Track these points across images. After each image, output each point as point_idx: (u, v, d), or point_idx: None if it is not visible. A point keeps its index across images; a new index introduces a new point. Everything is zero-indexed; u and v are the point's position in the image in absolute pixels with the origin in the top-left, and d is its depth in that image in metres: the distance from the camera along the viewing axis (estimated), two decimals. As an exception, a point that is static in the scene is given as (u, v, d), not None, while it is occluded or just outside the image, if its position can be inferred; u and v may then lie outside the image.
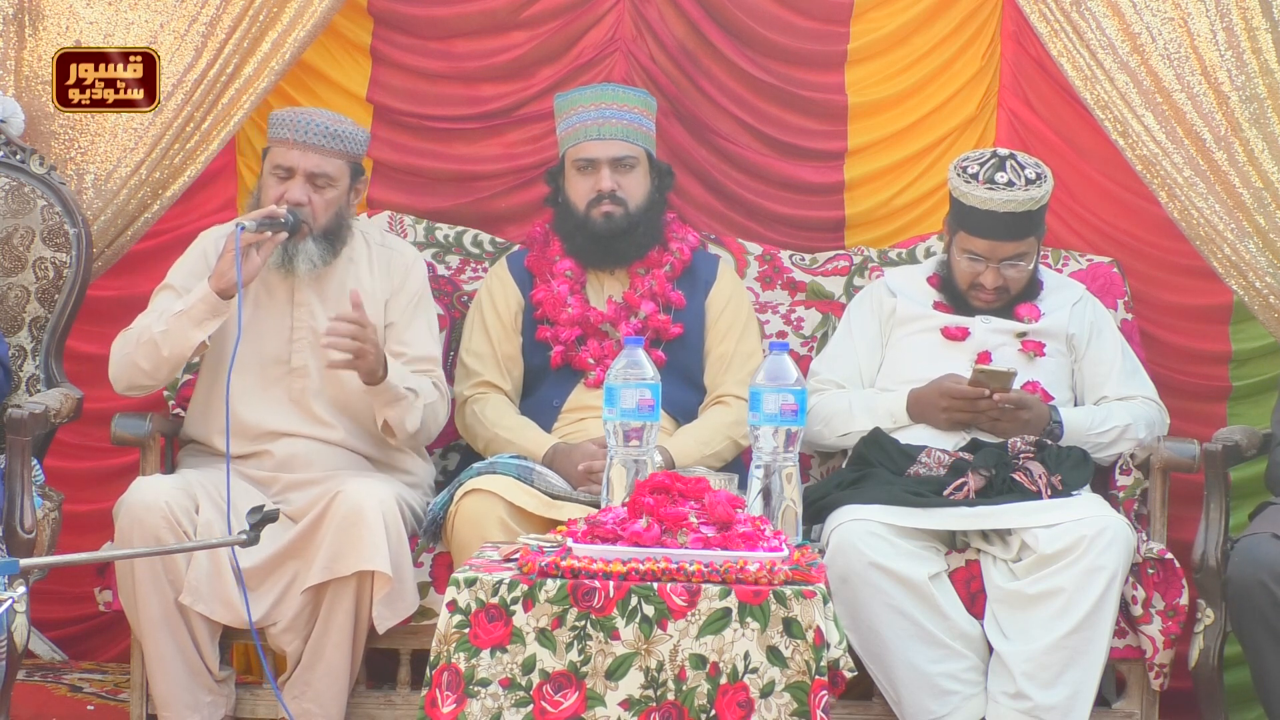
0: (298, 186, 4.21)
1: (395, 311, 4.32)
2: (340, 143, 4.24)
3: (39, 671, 4.81)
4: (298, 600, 4.06)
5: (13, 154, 4.48)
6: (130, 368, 4.18)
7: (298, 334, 4.27)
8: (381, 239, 4.43)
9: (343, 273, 4.30)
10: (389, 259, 4.38)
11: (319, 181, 4.23)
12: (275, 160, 4.24)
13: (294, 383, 4.26)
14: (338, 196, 4.26)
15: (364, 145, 4.33)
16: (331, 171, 4.24)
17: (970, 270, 4.36)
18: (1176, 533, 4.26)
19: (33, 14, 4.57)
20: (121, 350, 4.20)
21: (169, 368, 4.17)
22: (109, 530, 4.15)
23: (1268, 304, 4.47)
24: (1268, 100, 4.41)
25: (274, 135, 4.26)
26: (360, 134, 4.32)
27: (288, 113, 4.29)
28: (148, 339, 4.13)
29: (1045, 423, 4.25)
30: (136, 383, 4.21)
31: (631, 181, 4.43)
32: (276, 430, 4.23)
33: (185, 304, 4.13)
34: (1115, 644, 4.04)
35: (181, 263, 4.33)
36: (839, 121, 4.91)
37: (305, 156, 4.21)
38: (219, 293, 4.09)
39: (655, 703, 3.32)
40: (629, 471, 3.65)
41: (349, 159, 4.27)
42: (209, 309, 4.10)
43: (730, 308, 4.50)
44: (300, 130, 4.22)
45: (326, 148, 4.23)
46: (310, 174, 4.22)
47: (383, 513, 4.01)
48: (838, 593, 3.88)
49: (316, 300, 4.27)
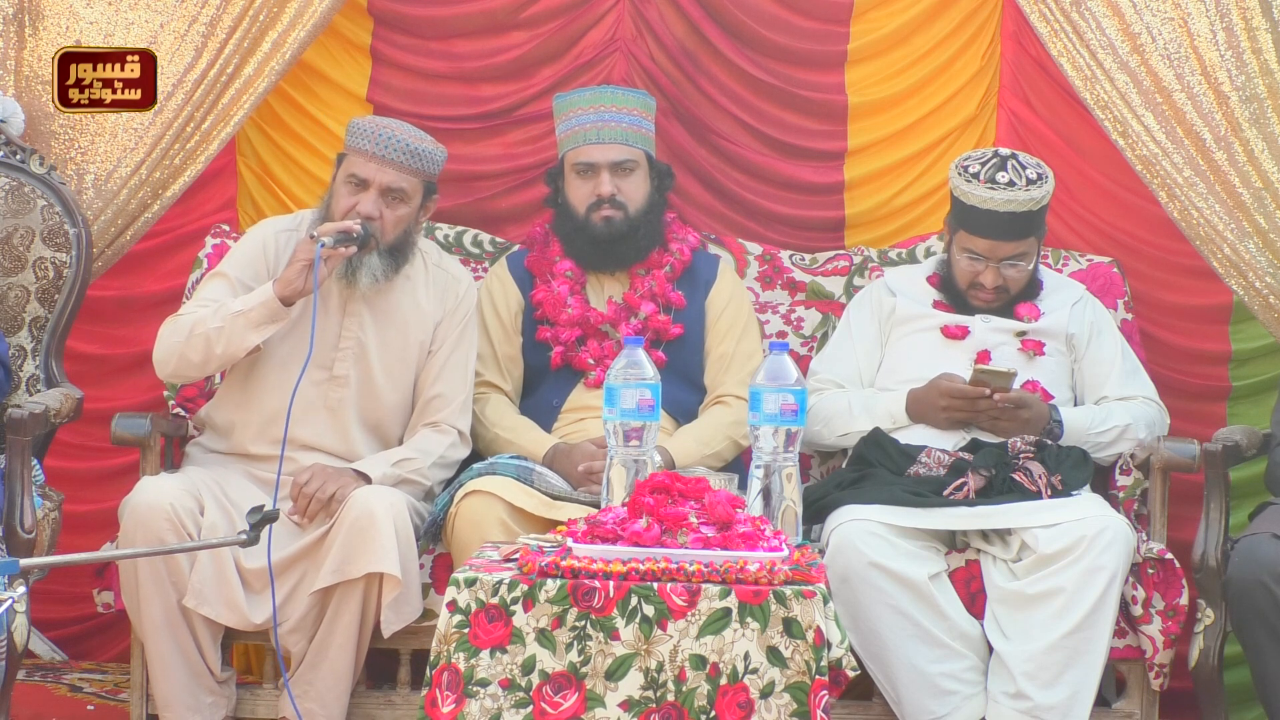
0: (370, 200, 4.17)
1: (440, 338, 4.30)
2: (419, 161, 4.21)
3: (39, 671, 4.81)
4: (305, 601, 4.06)
5: (13, 154, 4.48)
6: (178, 359, 4.15)
7: (344, 343, 4.25)
8: (438, 259, 4.40)
9: (399, 291, 4.28)
10: (444, 282, 4.35)
11: (392, 197, 4.19)
12: (351, 169, 4.20)
13: (333, 391, 4.24)
14: (408, 214, 4.22)
15: (440, 165, 4.28)
16: (407, 189, 4.20)
17: (970, 270, 4.36)
18: (1176, 533, 4.26)
19: (33, 14, 4.57)
20: (171, 339, 4.16)
21: (218, 364, 4.16)
22: (109, 530, 4.15)
23: (1268, 304, 4.47)
24: (1268, 100, 4.41)
25: (352, 144, 4.22)
26: (439, 153, 4.27)
27: (369, 123, 4.25)
28: (201, 333, 4.10)
29: (1045, 422, 4.25)
30: (183, 373, 4.20)
31: (631, 185, 4.43)
32: (305, 440, 4.21)
33: (245, 304, 4.09)
34: (1115, 644, 4.04)
35: (238, 254, 4.28)
36: (839, 121, 4.91)
37: (382, 171, 4.18)
38: (282, 299, 4.07)
39: (655, 703, 3.31)
40: (629, 471, 3.65)
41: (424, 178, 4.24)
42: (269, 314, 4.07)
43: (730, 308, 4.50)
44: (380, 144, 4.18)
45: (404, 164, 4.19)
46: (385, 189, 4.18)
47: (393, 517, 4.01)
48: (838, 593, 3.88)
49: (368, 313, 4.26)
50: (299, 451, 4.20)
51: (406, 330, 4.29)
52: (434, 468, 4.23)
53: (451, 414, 4.29)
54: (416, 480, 4.20)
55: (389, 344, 4.26)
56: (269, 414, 4.19)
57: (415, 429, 4.30)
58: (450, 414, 4.29)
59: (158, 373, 4.23)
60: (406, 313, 4.29)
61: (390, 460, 4.18)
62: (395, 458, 4.20)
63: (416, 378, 4.31)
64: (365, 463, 4.17)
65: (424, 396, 4.31)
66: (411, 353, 4.30)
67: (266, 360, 4.18)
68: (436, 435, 4.27)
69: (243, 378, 4.25)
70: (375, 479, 4.12)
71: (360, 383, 4.25)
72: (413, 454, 4.22)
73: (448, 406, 4.29)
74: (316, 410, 4.23)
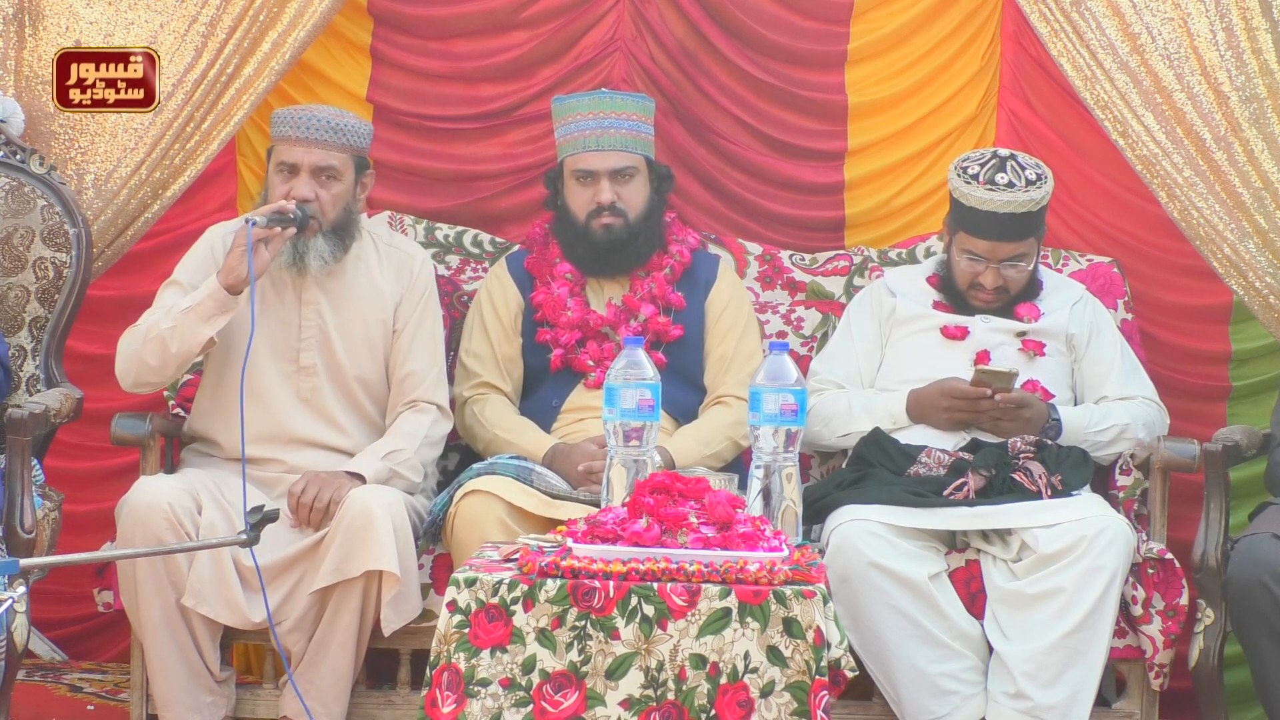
0: (304, 182, 4.20)
1: (403, 317, 4.32)
2: (343, 136, 4.24)
3: (39, 671, 4.81)
4: (304, 600, 4.06)
5: (13, 154, 4.48)
6: (138, 364, 4.16)
7: (306, 333, 4.27)
8: (389, 238, 4.43)
9: (353, 272, 4.30)
10: (399, 260, 4.37)
11: (324, 176, 4.22)
12: (279, 157, 4.24)
13: (304, 381, 4.26)
14: (344, 191, 4.25)
15: (367, 138, 4.32)
16: (336, 165, 4.23)
17: (970, 270, 4.36)
18: (1176, 533, 4.26)
19: (33, 14, 4.57)
20: (129, 347, 4.18)
21: (177, 364, 4.16)
22: (109, 530, 4.15)
23: (1268, 304, 4.47)
24: (1268, 100, 4.41)
25: (276, 134, 4.26)
26: (363, 127, 4.31)
27: (289, 110, 4.28)
28: (155, 335, 4.12)
29: (1044, 421, 4.25)
30: (144, 379, 4.20)
31: (631, 191, 4.42)
32: (291, 434, 4.23)
33: (193, 300, 4.11)
34: (1115, 644, 4.04)
35: (189, 258, 4.31)
36: (839, 121, 4.91)
37: (309, 152, 4.21)
38: (227, 288, 4.08)
39: (655, 703, 3.32)
40: (629, 471, 3.65)
41: (353, 152, 4.27)
42: (218, 305, 4.09)
43: (730, 308, 4.50)
44: (302, 126, 4.21)
45: (330, 142, 4.22)
46: (315, 169, 4.21)
47: (391, 515, 4.01)
48: (838, 593, 3.88)
49: (325, 299, 4.27)
50: (291, 447, 4.22)
51: (365, 311, 4.30)
52: (422, 449, 4.24)
53: (427, 390, 4.30)
54: (408, 472, 4.20)
55: (350, 327, 4.26)
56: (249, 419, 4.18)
57: (395, 410, 4.31)
58: (426, 390, 4.30)
59: (121, 384, 4.23)
60: (364, 293, 4.31)
61: (379, 454, 4.19)
62: (384, 450, 4.20)
63: (387, 359, 4.32)
64: (356, 462, 4.18)
65: (397, 377, 4.32)
66: (375, 332, 4.31)
67: (232, 363, 4.18)
68: (416, 416, 4.28)
69: (213, 386, 4.27)
70: (370, 477, 4.13)
71: (329, 370, 4.26)
72: (399, 443, 4.22)
73: (422, 383, 4.30)
74: (293, 404, 4.25)
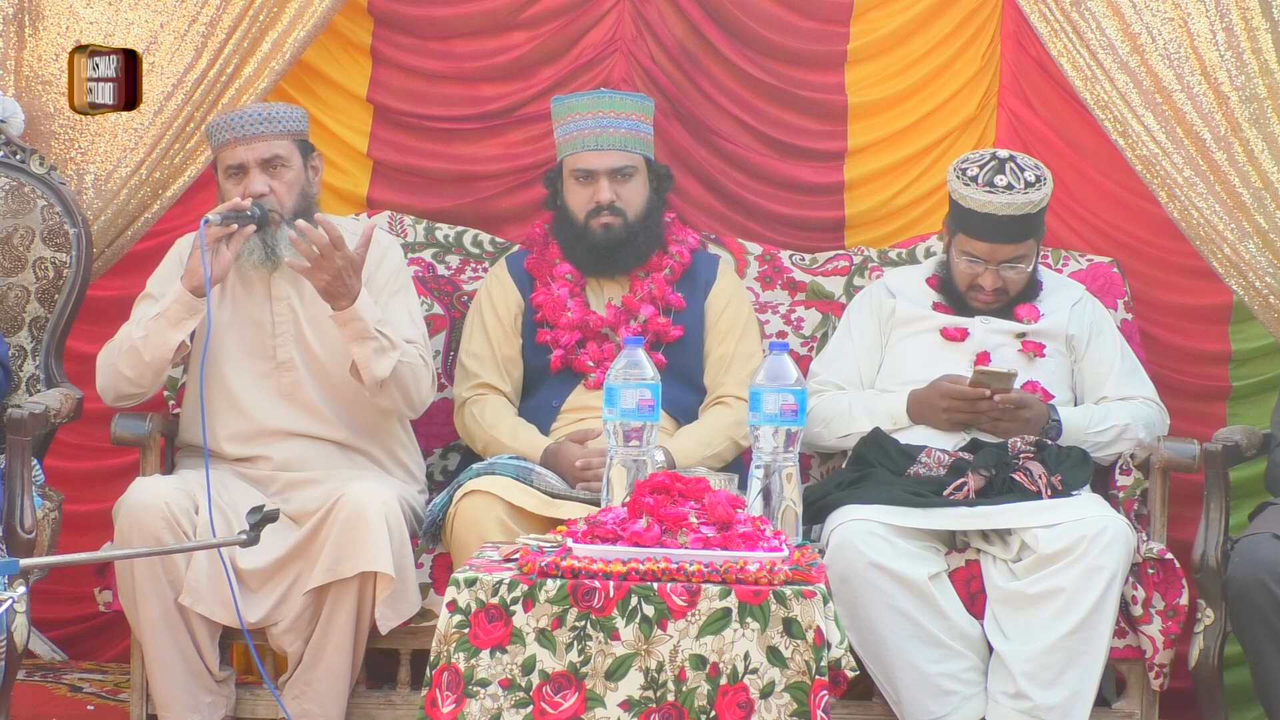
0: (255, 179, 4.20)
1: (372, 296, 4.30)
2: (278, 123, 4.23)
3: (39, 671, 4.81)
4: (299, 601, 4.06)
5: (13, 154, 4.48)
6: (116, 377, 4.18)
7: (280, 328, 4.26)
8: (353, 227, 4.38)
9: None
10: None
11: (273, 167, 4.22)
12: (225, 163, 4.24)
13: (283, 377, 4.26)
14: (296, 177, 4.25)
15: (303, 121, 4.31)
16: (282, 153, 4.22)
17: (969, 272, 4.36)
18: (1176, 533, 4.26)
19: (33, 14, 4.57)
20: (107, 361, 4.20)
21: (153, 373, 4.16)
22: (109, 530, 4.15)
23: (1268, 304, 4.47)
24: (1268, 100, 4.41)
25: (215, 142, 4.25)
26: (295, 111, 4.31)
27: (218, 118, 4.28)
28: (129, 346, 4.13)
29: (1044, 421, 4.25)
30: (124, 392, 4.20)
31: (630, 191, 4.42)
32: (276, 429, 4.23)
33: (161, 306, 4.13)
34: (1115, 644, 4.04)
35: (159, 270, 4.33)
36: (839, 121, 4.91)
37: (251, 147, 4.20)
38: (192, 290, 4.09)
39: (655, 703, 3.31)
40: (629, 471, 3.65)
41: (293, 137, 4.26)
42: (185, 308, 4.10)
43: (730, 309, 4.49)
44: (235, 126, 4.21)
45: (267, 131, 4.21)
46: (262, 162, 4.20)
47: (385, 514, 4.01)
48: (838, 593, 3.88)
49: (295, 293, 4.26)
50: (278, 442, 4.22)
51: None
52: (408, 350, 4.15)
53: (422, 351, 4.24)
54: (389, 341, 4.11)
55: (323, 317, 4.23)
56: (233, 418, 4.21)
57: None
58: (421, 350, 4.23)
59: (104, 400, 4.24)
60: None
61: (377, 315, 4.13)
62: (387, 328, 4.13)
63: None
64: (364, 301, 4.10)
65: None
66: None
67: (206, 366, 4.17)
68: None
69: (192, 391, 4.26)
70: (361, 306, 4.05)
71: (306, 363, 4.26)
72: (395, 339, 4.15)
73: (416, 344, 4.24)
74: (275, 401, 4.25)
